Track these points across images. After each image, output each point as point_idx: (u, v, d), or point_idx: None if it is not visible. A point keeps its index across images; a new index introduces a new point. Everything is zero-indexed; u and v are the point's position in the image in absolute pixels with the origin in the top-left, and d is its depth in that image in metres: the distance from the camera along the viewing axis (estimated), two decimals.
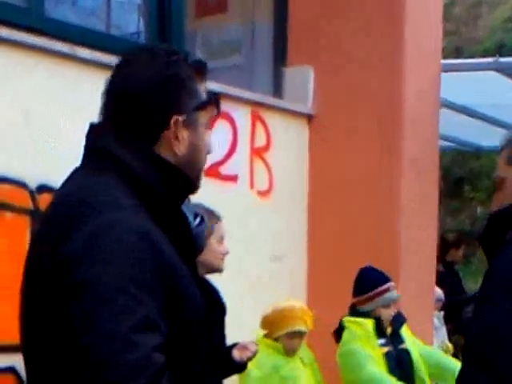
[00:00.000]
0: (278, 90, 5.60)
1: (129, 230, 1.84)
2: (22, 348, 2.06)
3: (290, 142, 5.46)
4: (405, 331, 4.70)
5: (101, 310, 1.76)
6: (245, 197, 4.93)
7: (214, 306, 3.73)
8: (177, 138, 2.01)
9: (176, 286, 1.88)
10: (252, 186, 5.15)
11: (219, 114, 2.12)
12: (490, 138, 9.82)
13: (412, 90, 5.31)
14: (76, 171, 2.09)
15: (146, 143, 2.00)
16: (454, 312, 8.56)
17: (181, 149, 2.01)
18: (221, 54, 5.75)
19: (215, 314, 3.72)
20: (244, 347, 3.69)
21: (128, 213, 1.88)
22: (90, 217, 1.87)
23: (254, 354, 3.72)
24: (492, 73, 6.97)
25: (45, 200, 3.82)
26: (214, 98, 2.09)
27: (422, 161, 5.39)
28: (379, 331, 4.51)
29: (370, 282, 4.57)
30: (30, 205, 3.81)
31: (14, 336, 3.60)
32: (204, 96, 2.06)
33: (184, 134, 2.02)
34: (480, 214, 15.00)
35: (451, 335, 7.65)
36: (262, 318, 4.43)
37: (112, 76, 2.07)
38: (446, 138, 8.38)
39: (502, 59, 7.12)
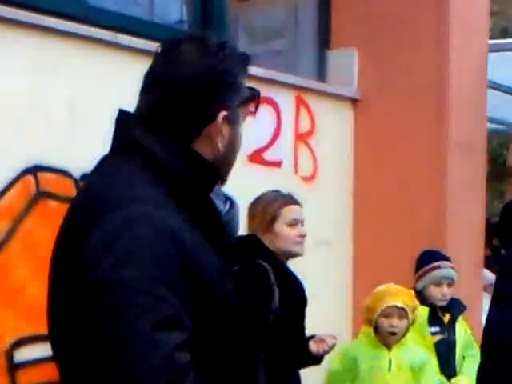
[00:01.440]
0: (322, 73, 5.54)
1: (149, 226, 1.78)
2: (49, 339, 2.00)
3: (334, 127, 5.41)
4: (460, 322, 4.64)
5: (123, 310, 1.72)
6: (289, 182, 4.88)
7: (297, 298, 3.70)
8: (221, 133, 1.94)
9: (202, 279, 1.83)
10: (296, 171, 5.11)
11: (257, 109, 2.06)
12: None
13: (459, 71, 5.23)
14: (103, 160, 2.04)
15: (184, 136, 1.93)
16: None
17: (222, 144, 1.95)
18: (264, 39, 5.70)
19: (297, 306, 3.69)
20: (321, 340, 3.64)
21: (149, 207, 1.82)
22: (111, 211, 1.81)
23: (331, 348, 3.66)
24: None
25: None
26: (257, 95, 2.03)
27: (470, 143, 5.32)
28: (433, 319, 4.47)
29: (423, 260, 4.58)
30: (74, 194, 3.81)
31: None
32: (246, 91, 2.00)
33: (226, 130, 1.96)
34: None
35: None
36: (362, 306, 4.34)
37: (156, 62, 1.99)
38: (493, 121, 8.24)
39: None
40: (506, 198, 14.29)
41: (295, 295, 3.71)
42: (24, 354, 3.54)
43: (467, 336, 4.69)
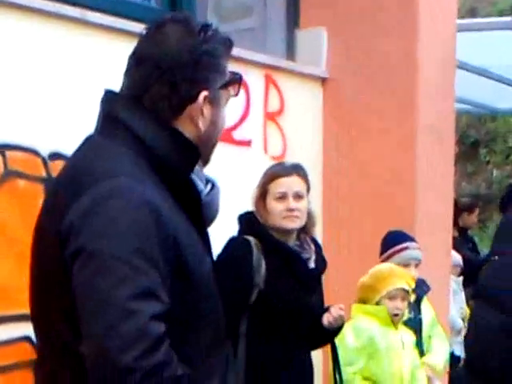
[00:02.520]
0: (291, 52, 5.53)
1: (130, 199, 1.84)
2: (31, 316, 2.07)
3: (303, 106, 5.40)
4: (425, 302, 4.68)
5: (100, 280, 1.77)
6: (259, 161, 4.87)
7: (297, 272, 3.63)
8: (202, 113, 2.01)
9: (180, 256, 1.88)
10: (266, 150, 5.11)
11: (237, 94, 2.12)
12: (506, 100, 9.73)
13: (427, 51, 5.24)
14: (88, 139, 2.08)
15: (166, 116, 1.99)
16: (472, 276, 8.53)
17: (204, 124, 2.02)
18: (233, 17, 5.67)
19: (299, 281, 3.63)
20: (329, 312, 3.57)
21: (130, 180, 1.88)
22: (91, 185, 1.87)
23: (337, 319, 3.56)
24: (509, 32, 6.86)
25: (57, 167, 3.80)
26: (239, 78, 2.10)
27: (439, 124, 5.33)
28: None
29: (389, 241, 4.59)
30: (42, 172, 3.78)
31: (28, 305, 3.65)
32: (228, 74, 2.07)
33: (208, 111, 2.03)
34: (496, 177, 14.95)
35: (469, 300, 7.64)
36: (359, 284, 4.27)
37: (140, 43, 2.04)
38: (461, 101, 8.29)
39: None
40: (473, 180, 14.41)
41: (294, 270, 3.64)
42: None
43: (432, 316, 4.73)
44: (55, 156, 3.82)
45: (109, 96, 2.06)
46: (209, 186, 2.10)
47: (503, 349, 4.54)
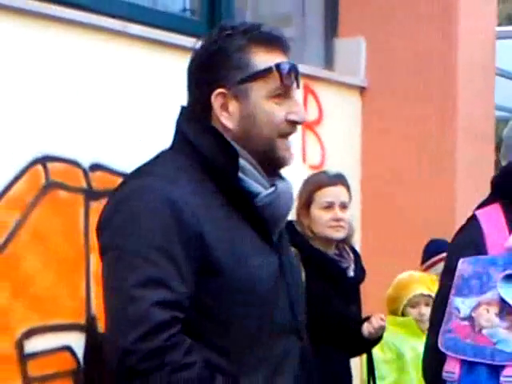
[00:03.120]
0: (329, 62, 5.52)
1: (152, 196, 1.93)
2: None
3: (342, 115, 5.39)
4: None
5: (114, 268, 1.93)
6: (297, 171, 4.84)
7: (336, 281, 3.61)
8: (226, 109, 2.04)
9: (207, 253, 1.94)
10: (304, 160, 5.10)
11: (286, 83, 2.06)
12: None
13: (466, 57, 5.21)
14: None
15: (204, 118, 2.06)
16: None
17: (230, 122, 2.04)
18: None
19: (339, 290, 3.61)
20: (370, 321, 3.50)
21: (156, 180, 1.97)
22: (124, 184, 2.03)
23: (378, 329, 3.49)
24: None
25: (98, 178, 3.83)
26: (271, 68, 2.04)
27: (478, 130, 5.30)
28: None
29: (435, 248, 4.56)
30: (83, 183, 3.81)
31: (69, 315, 3.68)
32: (261, 66, 2.04)
33: (234, 107, 2.04)
34: None
35: None
36: (386, 296, 4.20)
37: None
38: (500, 108, 8.21)
39: None
40: None
41: (334, 279, 3.61)
42: (34, 344, 3.54)
43: None
44: (96, 167, 3.85)
45: (180, 111, 2.16)
46: (271, 189, 2.08)
47: None
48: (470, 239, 2.27)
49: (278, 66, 2.04)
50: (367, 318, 3.57)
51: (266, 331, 2.05)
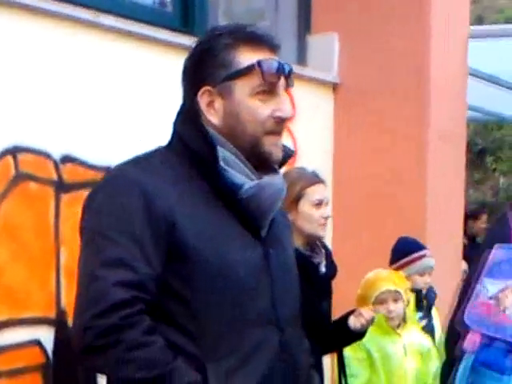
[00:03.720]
0: (302, 58, 5.51)
1: (126, 182, 2.03)
2: None
3: (315, 111, 5.38)
4: (435, 308, 4.66)
5: (84, 250, 2.04)
6: None
7: (312, 278, 3.59)
8: (213, 108, 2.10)
9: (177, 237, 1.99)
10: None
11: (265, 80, 2.11)
12: None
13: (440, 57, 5.22)
14: None
15: (195, 115, 2.12)
16: None
17: (215, 118, 2.11)
18: (244, 22, 5.64)
19: (315, 286, 3.59)
20: (359, 314, 3.50)
21: (131, 167, 2.08)
22: (111, 170, 2.18)
23: (369, 322, 3.50)
24: None
25: (68, 171, 3.79)
26: (253, 66, 2.09)
27: (450, 131, 5.32)
28: (417, 304, 4.46)
29: (405, 248, 4.57)
30: (53, 175, 3.76)
31: (38, 308, 3.63)
32: (245, 64, 2.09)
33: (219, 104, 2.10)
34: (503, 184, 14.92)
35: None
36: (356, 297, 4.19)
37: None
38: (469, 108, 8.26)
39: None
40: (480, 188, 14.37)
41: (306, 274, 3.61)
42: (3, 338, 3.49)
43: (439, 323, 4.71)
44: (67, 159, 3.80)
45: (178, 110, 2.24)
46: (256, 181, 2.11)
47: None
48: (501, 234, 2.42)
49: (259, 62, 2.10)
50: (351, 312, 3.57)
51: (239, 321, 2.07)
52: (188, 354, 2.00)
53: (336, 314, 3.74)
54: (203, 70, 2.11)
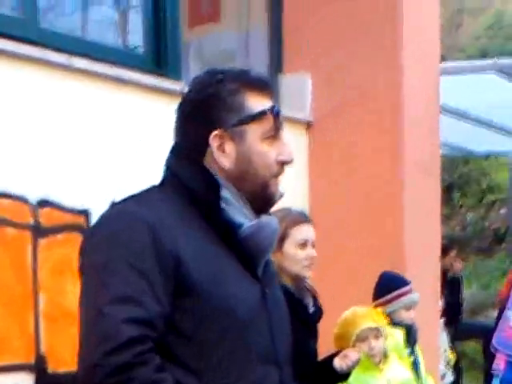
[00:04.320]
0: (275, 97, 5.51)
1: (131, 218, 2.02)
2: None
3: None
4: (417, 345, 4.66)
5: (87, 286, 2.00)
6: None
7: (300, 319, 3.50)
8: (223, 151, 2.13)
9: (182, 273, 1.99)
10: None
11: (277, 125, 2.17)
12: (481, 142, 9.80)
13: (412, 93, 5.27)
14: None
15: (194, 156, 2.14)
16: (452, 318, 8.53)
17: (227, 160, 2.13)
18: (215, 64, 5.66)
19: (302, 327, 3.52)
20: (345, 355, 3.47)
21: (133, 205, 2.07)
22: (108, 209, 2.12)
23: (355, 363, 3.47)
24: (487, 75, 6.93)
25: (46, 215, 3.76)
26: (265, 111, 2.14)
27: (425, 165, 5.35)
28: (408, 340, 4.45)
29: (392, 283, 4.54)
30: (30, 220, 3.73)
31: (17, 355, 3.58)
32: (255, 109, 2.13)
33: (230, 148, 2.13)
34: (470, 219, 15.02)
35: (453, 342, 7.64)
36: (333, 336, 4.09)
37: None
38: (446, 145, 8.36)
39: (501, 61, 7.04)
40: (448, 223, 14.49)
41: (298, 315, 3.59)
42: None
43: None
44: (44, 203, 3.78)
45: (170, 150, 2.23)
46: (255, 220, 2.14)
47: None
48: None
49: (271, 108, 2.15)
50: (336, 353, 3.54)
51: (241, 357, 2.07)
52: None
53: None
54: (212, 113, 2.13)
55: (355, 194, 5.31)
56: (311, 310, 3.68)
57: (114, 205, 2.14)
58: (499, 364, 2.31)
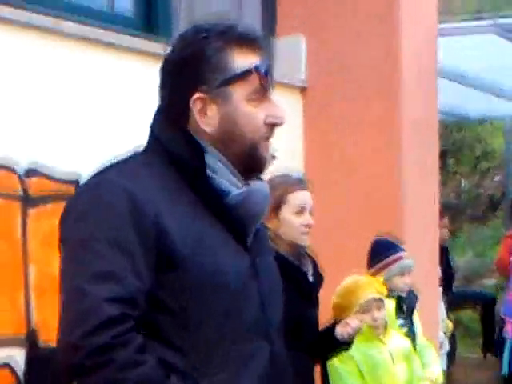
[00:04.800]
0: (268, 54, 5.39)
1: (110, 188, 1.93)
2: None
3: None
4: (416, 312, 4.59)
5: (67, 264, 1.92)
6: None
7: (301, 286, 3.50)
8: (205, 113, 2.01)
9: (166, 247, 1.91)
10: None
11: (265, 85, 2.03)
12: (476, 106, 9.69)
13: (409, 55, 5.17)
14: None
15: (177, 118, 2.04)
16: (446, 287, 8.46)
17: (210, 124, 2.01)
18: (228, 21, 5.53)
19: (303, 294, 3.49)
20: (346, 323, 3.40)
21: (115, 174, 1.97)
22: (89, 178, 2.03)
23: (355, 331, 3.41)
24: (486, 36, 6.80)
25: (33, 184, 3.66)
26: (251, 70, 2.01)
27: (422, 125, 5.27)
28: (397, 311, 4.38)
29: (383, 250, 4.47)
30: (18, 190, 3.63)
31: (8, 328, 3.49)
32: (241, 68, 2.01)
33: (213, 109, 2.02)
34: (464, 186, 14.97)
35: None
36: (332, 305, 4.01)
37: None
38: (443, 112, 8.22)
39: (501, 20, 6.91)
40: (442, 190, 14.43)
41: (297, 283, 3.50)
42: None
43: (420, 326, 4.63)
44: (32, 172, 3.69)
45: (154, 115, 2.12)
46: (243, 188, 2.05)
47: None
48: None
49: (256, 67, 2.02)
50: (336, 322, 3.47)
51: (230, 332, 1.99)
52: (179, 371, 1.92)
53: None
54: (194, 74, 2.01)
55: (350, 160, 5.23)
56: (310, 277, 3.59)
57: (95, 174, 2.03)
58: (509, 329, 2.31)
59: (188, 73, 2.01)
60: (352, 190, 5.22)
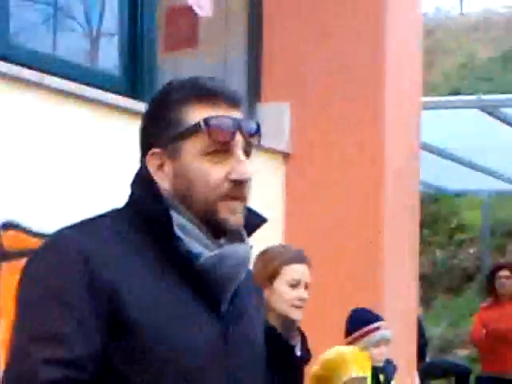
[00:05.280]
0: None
1: (65, 248, 1.85)
2: None
3: (266, 182, 5.25)
4: (395, 382, 4.54)
5: (15, 323, 1.84)
6: None
7: (285, 359, 3.39)
8: (162, 170, 1.92)
9: (119, 313, 1.81)
10: None
11: (212, 139, 1.89)
12: (454, 179, 9.76)
13: (393, 127, 5.20)
14: None
15: (147, 177, 1.95)
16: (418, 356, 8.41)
17: (165, 180, 1.92)
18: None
19: (288, 367, 3.39)
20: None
21: (78, 231, 1.89)
22: (47, 238, 1.97)
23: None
24: (466, 111, 6.88)
25: (9, 238, 3.61)
26: (199, 124, 1.89)
27: (405, 202, 5.29)
28: (375, 382, 4.32)
29: (360, 320, 4.44)
30: None
31: None
32: (192, 123, 1.89)
33: (169, 165, 1.91)
34: (439, 257, 15.04)
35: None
36: (310, 375, 3.91)
37: None
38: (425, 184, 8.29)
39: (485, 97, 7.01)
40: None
41: (285, 357, 3.40)
42: None
43: None
44: (8, 226, 3.65)
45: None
46: (215, 251, 1.90)
47: None
48: None
49: (206, 120, 1.88)
50: None
51: None
52: None
53: None
54: (152, 130, 1.94)
55: (331, 227, 5.22)
56: (298, 352, 3.52)
57: (59, 231, 1.93)
58: None
59: (149, 128, 1.96)
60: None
